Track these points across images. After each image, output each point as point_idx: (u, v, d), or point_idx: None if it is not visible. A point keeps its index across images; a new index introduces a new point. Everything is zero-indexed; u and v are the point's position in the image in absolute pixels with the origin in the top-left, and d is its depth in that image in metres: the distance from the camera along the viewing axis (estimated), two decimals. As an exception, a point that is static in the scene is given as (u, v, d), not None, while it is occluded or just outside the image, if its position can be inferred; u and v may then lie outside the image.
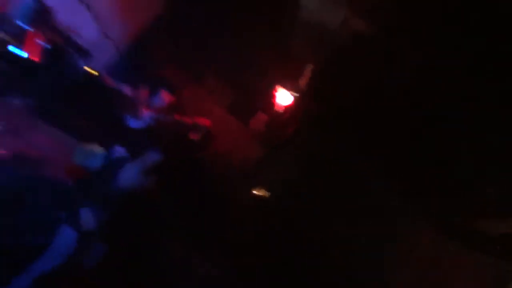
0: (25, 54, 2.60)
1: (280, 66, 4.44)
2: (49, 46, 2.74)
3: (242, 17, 4.65)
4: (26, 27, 2.62)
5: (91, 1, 3.74)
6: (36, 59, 2.66)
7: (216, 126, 4.75)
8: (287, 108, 4.58)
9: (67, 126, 3.32)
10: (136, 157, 3.17)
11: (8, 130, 2.47)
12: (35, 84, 3.02)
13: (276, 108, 4.68)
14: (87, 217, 1.94)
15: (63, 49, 3.07)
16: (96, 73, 3.47)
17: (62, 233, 1.79)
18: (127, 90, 3.88)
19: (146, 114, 3.61)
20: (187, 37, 4.71)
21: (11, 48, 2.57)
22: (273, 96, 4.60)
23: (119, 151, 1.98)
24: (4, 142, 2.29)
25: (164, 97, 3.85)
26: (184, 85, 4.24)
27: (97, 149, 1.80)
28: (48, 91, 3.13)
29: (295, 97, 4.49)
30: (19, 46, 2.56)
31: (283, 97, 4.56)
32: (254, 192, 4.50)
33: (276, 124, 4.63)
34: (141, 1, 4.67)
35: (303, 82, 4.30)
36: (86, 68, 3.53)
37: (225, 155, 4.66)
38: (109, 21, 4.03)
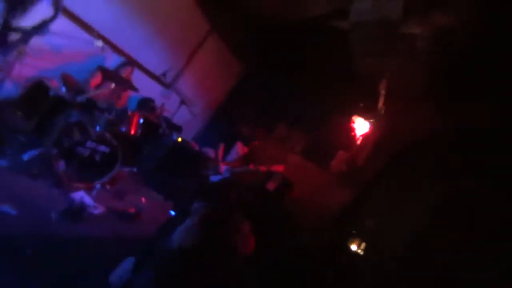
0: (129, 131, 3.31)
1: (351, 97, 4.11)
2: (142, 121, 3.41)
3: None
4: (132, 111, 3.42)
5: (181, 88, 4.70)
6: (135, 133, 3.32)
7: (293, 173, 4.53)
8: (366, 137, 4.00)
9: (160, 188, 3.83)
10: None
11: (113, 193, 3.02)
12: (139, 155, 3.72)
13: (356, 140, 4.15)
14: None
15: (156, 124, 3.80)
16: (181, 140, 4.03)
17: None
18: (210, 152, 4.30)
19: (224, 168, 3.82)
20: (257, 97, 5.16)
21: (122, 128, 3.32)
22: (351, 128, 4.17)
23: None
24: (107, 201, 2.76)
25: (239, 149, 4.06)
26: (256, 138, 4.38)
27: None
28: (147, 159, 3.80)
29: (371, 123, 3.90)
30: (125, 126, 3.30)
31: (361, 126, 4.07)
32: (353, 247, 3.70)
33: (358, 159, 4.04)
34: (218, 81, 5.56)
35: (378, 105, 3.74)
36: (177, 139, 4.18)
37: (308, 203, 4.19)
38: (194, 100, 4.88)
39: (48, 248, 1.90)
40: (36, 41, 2.63)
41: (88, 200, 2.41)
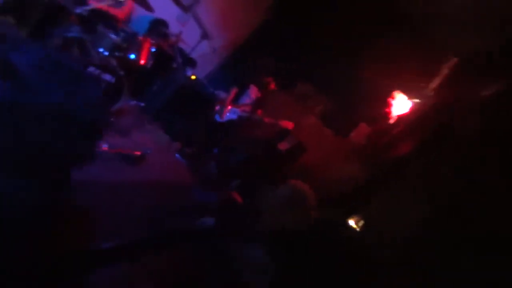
0: (139, 59, 2.83)
1: (398, 67, 3.45)
2: (155, 50, 2.91)
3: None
4: (141, 36, 2.87)
5: (201, 15, 3.99)
6: (145, 63, 2.85)
7: (308, 136, 4.17)
8: (402, 118, 3.49)
9: (168, 126, 3.53)
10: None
11: (118, 129, 2.71)
12: (147, 88, 3.30)
13: (387, 118, 3.66)
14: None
15: (170, 56, 3.29)
16: (194, 78, 3.58)
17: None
18: (221, 95, 3.89)
19: (232, 109, 3.47)
20: (282, 47, 4.46)
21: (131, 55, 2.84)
22: (387, 104, 3.64)
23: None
24: (111, 140, 2.47)
25: (252, 94, 3.67)
26: (274, 87, 3.87)
27: None
28: (156, 95, 3.40)
29: (415, 104, 3.36)
30: (134, 52, 2.80)
31: (399, 104, 3.52)
32: (351, 224, 3.59)
33: (384, 139, 3.62)
34: (241, 17, 4.77)
35: (435, 83, 3.11)
36: (190, 76, 3.71)
37: (317, 173, 3.92)
38: (214, 34, 4.22)
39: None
40: None
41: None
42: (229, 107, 3.54)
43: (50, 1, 2.21)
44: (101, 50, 2.35)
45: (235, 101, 3.74)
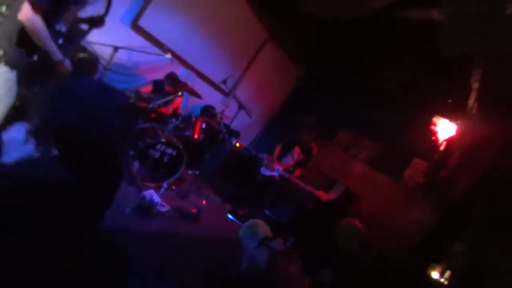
0: (193, 135, 3.52)
1: (430, 94, 3.42)
2: (205, 127, 3.58)
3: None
4: (194, 118, 3.64)
5: (239, 95, 4.83)
6: (198, 137, 3.51)
7: (360, 184, 4.10)
8: (451, 141, 3.27)
9: (219, 192, 3.95)
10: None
11: (178, 192, 3.22)
12: (201, 158, 3.91)
13: (439, 146, 3.42)
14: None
15: (217, 129, 3.97)
16: (239, 145, 4.11)
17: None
18: (266, 157, 4.29)
19: (277, 167, 3.73)
20: (316, 103, 4.90)
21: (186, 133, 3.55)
22: (431, 132, 3.48)
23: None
24: (172, 201, 2.94)
25: (295, 154, 3.93)
26: (316, 144, 4.08)
27: (259, 232, 1.96)
28: (208, 163, 3.97)
29: (459, 124, 3.19)
30: (189, 130, 3.52)
31: (444, 130, 3.36)
32: (435, 276, 3.16)
33: (442, 171, 3.35)
34: (276, 86, 5.56)
35: (469, 102, 2.99)
36: (235, 144, 4.29)
37: (379, 220, 3.70)
38: (252, 106, 4.95)
39: (122, 240, 2.08)
40: (117, 56, 3.01)
41: (156, 198, 2.60)
42: (275, 165, 3.84)
43: (134, 105, 3.09)
44: (166, 132, 3.09)
45: (279, 159, 4.05)
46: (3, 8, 1.75)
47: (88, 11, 1.95)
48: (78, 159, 0.86)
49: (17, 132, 1.03)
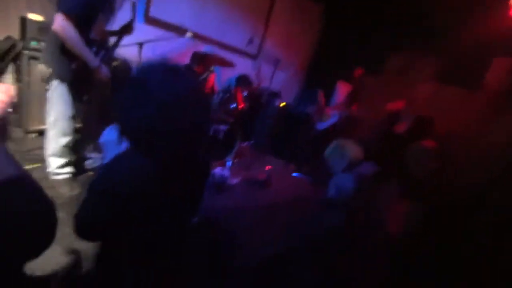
0: (238, 106, 3.44)
1: None
2: (246, 94, 3.46)
3: None
4: (235, 88, 3.53)
5: (269, 53, 4.54)
6: (243, 106, 3.42)
7: (429, 105, 3.58)
8: None
9: (279, 153, 3.88)
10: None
11: (242, 165, 3.24)
12: (251, 127, 3.86)
13: None
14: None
15: (259, 95, 3.82)
16: (284, 104, 3.92)
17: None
18: (313, 108, 4.04)
19: (331, 112, 3.47)
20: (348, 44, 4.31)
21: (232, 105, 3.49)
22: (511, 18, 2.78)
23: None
24: (239, 173, 2.97)
25: (341, 89, 3.60)
26: (361, 76, 3.62)
27: (347, 154, 1.70)
28: (261, 131, 3.90)
29: None
30: (233, 102, 3.44)
31: None
32: None
33: None
34: (302, 34, 5.08)
35: None
36: (279, 104, 4.11)
37: (462, 139, 3.19)
38: (284, 61, 4.63)
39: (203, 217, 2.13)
40: (143, 54, 2.99)
41: (226, 173, 2.63)
42: (328, 111, 3.59)
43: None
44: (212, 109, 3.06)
45: (328, 104, 3.78)
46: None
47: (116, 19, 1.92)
48: (169, 153, 0.84)
49: (110, 134, 1.11)
